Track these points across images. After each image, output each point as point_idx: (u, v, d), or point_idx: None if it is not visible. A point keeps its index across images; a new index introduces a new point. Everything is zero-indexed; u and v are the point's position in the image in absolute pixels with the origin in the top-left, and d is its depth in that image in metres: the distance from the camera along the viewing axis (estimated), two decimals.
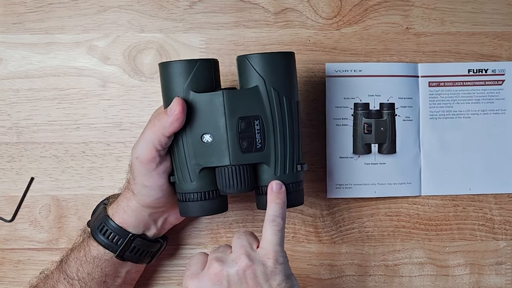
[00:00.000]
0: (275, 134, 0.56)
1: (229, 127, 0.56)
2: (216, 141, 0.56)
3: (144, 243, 0.61)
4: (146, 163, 0.56)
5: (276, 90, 0.56)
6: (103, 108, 0.69)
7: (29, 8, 0.70)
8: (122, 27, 0.70)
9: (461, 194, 0.70)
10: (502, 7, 0.71)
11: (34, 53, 0.69)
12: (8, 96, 0.69)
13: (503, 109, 0.70)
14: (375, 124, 0.69)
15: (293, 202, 0.58)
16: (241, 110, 0.56)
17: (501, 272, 0.70)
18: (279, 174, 0.57)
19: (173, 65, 0.57)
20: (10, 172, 0.69)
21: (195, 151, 0.56)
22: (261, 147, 0.56)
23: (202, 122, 0.56)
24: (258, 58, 0.57)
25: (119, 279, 0.61)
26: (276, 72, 0.57)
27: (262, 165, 0.57)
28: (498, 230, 0.70)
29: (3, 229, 0.69)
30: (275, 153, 0.57)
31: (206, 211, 0.58)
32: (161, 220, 0.62)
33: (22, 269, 0.68)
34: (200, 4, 0.70)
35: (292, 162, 0.57)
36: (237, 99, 0.56)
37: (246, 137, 0.56)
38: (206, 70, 0.57)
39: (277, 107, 0.56)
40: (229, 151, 0.56)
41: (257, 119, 0.56)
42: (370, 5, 0.70)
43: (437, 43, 0.70)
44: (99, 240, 0.59)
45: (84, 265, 0.59)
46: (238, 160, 0.56)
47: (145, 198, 0.58)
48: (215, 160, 0.56)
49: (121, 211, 0.60)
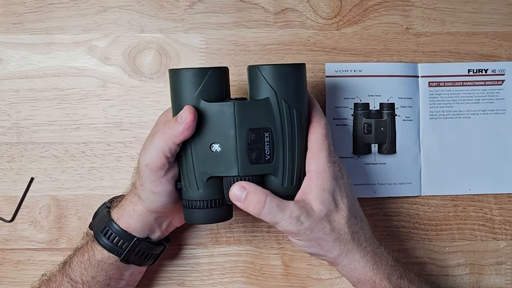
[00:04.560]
0: (284, 147, 0.56)
1: (239, 138, 0.55)
2: (225, 151, 0.56)
3: (148, 246, 0.61)
4: (156, 171, 0.56)
5: (287, 103, 0.56)
6: (103, 108, 0.69)
7: (29, 8, 0.70)
8: (122, 27, 0.70)
9: (461, 194, 0.70)
10: (502, 7, 0.71)
11: (34, 53, 0.69)
12: (8, 96, 0.69)
13: (503, 109, 0.70)
14: (375, 124, 0.69)
15: None
16: (251, 122, 0.56)
17: (501, 272, 0.70)
18: (286, 185, 0.57)
19: (184, 73, 0.57)
20: (10, 172, 0.69)
21: (204, 160, 0.56)
22: (269, 159, 0.56)
23: (211, 131, 0.56)
24: (270, 70, 0.56)
25: (123, 281, 0.61)
26: (287, 85, 0.57)
27: (269, 176, 0.57)
28: (498, 230, 0.70)
29: (3, 229, 0.69)
30: (284, 165, 0.57)
31: (211, 219, 0.58)
32: (165, 223, 0.62)
33: (22, 269, 0.68)
34: (200, 4, 0.70)
35: (300, 173, 0.57)
36: (247, 110, 0.56)
37: (255, 148, 0.56)
38: (217, 78, 0.57)
39: (287, 120, 0.56)
40: (237, 161, 0.56)
41: (267, 131, 0.56)
42: (370, 5, 0.70)
43: (437, 43, 0.70)
44: (103, 243, 0.59)
45: (88, 269, 0.59)
46: (246, 171, 0.56)
47: (153, 204, 0.58)
48: (223, 169, 0.56)
49: (126, 216, 0.59)
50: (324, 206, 0.56)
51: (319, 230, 0.56)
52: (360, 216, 0.59)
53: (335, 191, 0.57)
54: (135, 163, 0.68)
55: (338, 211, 0.57)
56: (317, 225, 0.56)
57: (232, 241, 0.69)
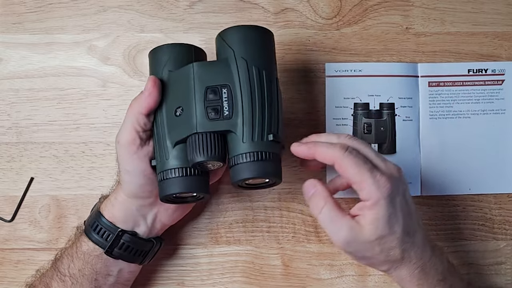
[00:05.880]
0: (243, 102, 0.56)
1: (197, 97, 0.56)
2: (186, 113, 0.56)
3: (133, 240, 0.60)
4: (127, 146, 0.57)
5: (244, 60, 0.56)
6: (103, 108, 0.69)
7: (29, 8, 0.70)
8: (122, 27, 0.70)
9: (461, 194, 0.70)
10: (502, 7, 0.71)
11: (34, 53, 0.69)
12: (8, 96, 0.69)
13: (503, 109, 0.70)
14: (375, 124, 0.69)
15: (268, 174, 0.56)
16: (210, 80, 0.56)
17: (501, 272, 0.69)
18: (246, 141, 0.55)
19: (156, 50, 0.60)
20: (10, 172, 0.69)
21: (169, 127, 0.57)
22: (228, 115, 0.55)
23: (175, 97, 0.57)
24: (229, 32, 0.58)
25: (111, 277, 0.60)
26: (245, 43, 0.57)
27: (231, 134, 0.56)
28: (498, 230, 0.70)
29: (3, 229, 0.69)
30: (243, 120, 0.55)
31: (183, 187, 0.57)
32: (150, 216, 0.61)
33: (22, 269, 0.68)
34: (200, 4, 0.70)
35: (261, 130, 0.56)
36: (206, 70, 0.56)
37: (213, 105, 0.55)
38: (185, 53, 0.59)
39: (245, 75, 0.56)
40: (195, 119, 0.55)
41: (224, 87, 0.56)
42: (370, 5, 0.70)
43: (437, 43, 0.70)
44: (89, 235, 0.59)
45: (75, 261, 0.59)
46: (204, 127, 0.55)
47: (129, 186, 0.58)
48: (184, 131, 0.56)
49: (109, 206, 0.60)
50: (376, 232, 0.54)
51: (367, 251, 0.55)
52: (413, 230, 0.56)
53: (390, 216, 0.54)
54: None
55: (392, 234, 0.55)
56: (366, 247, 0.55)
57: (232, 241, 0.69)
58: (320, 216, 0.56)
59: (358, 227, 0.54)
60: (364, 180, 0.54)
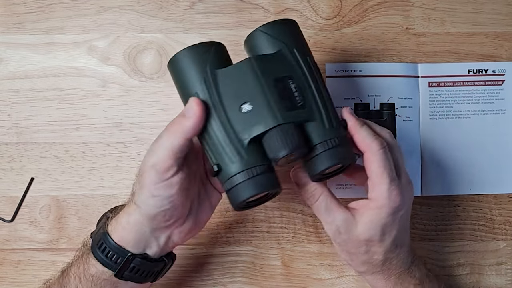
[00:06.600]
0: (312, 91, 0.55)
1: (268, 89, 0.54)
2: (257, 107, 0.53)
3: (144, 263, 0.56)
4: (163, 172, 0.53)
5: (297, 51, 0.56)
6: (103, 109, 0.69)
7: (29, 9, 0.70)
8: (122, 27, 0.70)
9: (461, 194, 0.70)
10: (502, 7, 0.71)
11: (34, 53, 0.69)
12: (8, 96, 0.69)
13: (503, 109, 0.70)
14: None
15: (346, 159, 0.55)
16: (273, 72, 0.55)
17: (501, 272, 0.70)
18: (328, 126, 0.55)
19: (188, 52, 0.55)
20: (10, 173, 0.69)
21: (238, 126, 0.53)
22: (302, 105, 0.54)
23: (236, 94, 0.54)
24: (271, 27, 0.57)
25: None
26: (292, 36, 0.57)
27: (308, 124, 0.55)
28: (498, 230, 0.70)
29: (3, 230, 0.69)
30: (318, 108, 0.55)
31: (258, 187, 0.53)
32: (163, 237, 0.57)
33: (22, 270, 0.68)
34: (200, 4, 0.70)
35: (335, 116, 0.56)
36: (265, 63, 0.55)
37: (285, 96, 0.54)
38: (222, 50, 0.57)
39: (305, 66, 0.56)
40: (273, 111, 0.53)
41: (290, 79, 0.55)
42: (370, 5, 0.70)
43: (437, 43, 0.70)
44: (98, 257, 0.56)
45: (83, 282, 0.56)
46: (285, 118, 0.53)
47: (150, 209, 0.54)
48: (261, 126, 0.53)
49: (120, 228, 0.56)
50: (368, 233, 0.55)
51: (354, 247, 0.56)
52: (401, 243, 0.58)
53: (386, 225, 0.55)
54: (135, 163, 0.68)
55: (381, 241, 0.56)
56: (353, 242, 0.56)
57: (232, 241, 0.69)
58: (316, 204, 0.57)
59: (352, 221, 0.56)
60: (381, 183, 0.55)
